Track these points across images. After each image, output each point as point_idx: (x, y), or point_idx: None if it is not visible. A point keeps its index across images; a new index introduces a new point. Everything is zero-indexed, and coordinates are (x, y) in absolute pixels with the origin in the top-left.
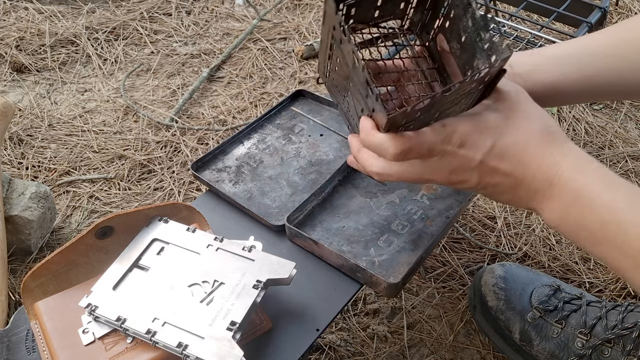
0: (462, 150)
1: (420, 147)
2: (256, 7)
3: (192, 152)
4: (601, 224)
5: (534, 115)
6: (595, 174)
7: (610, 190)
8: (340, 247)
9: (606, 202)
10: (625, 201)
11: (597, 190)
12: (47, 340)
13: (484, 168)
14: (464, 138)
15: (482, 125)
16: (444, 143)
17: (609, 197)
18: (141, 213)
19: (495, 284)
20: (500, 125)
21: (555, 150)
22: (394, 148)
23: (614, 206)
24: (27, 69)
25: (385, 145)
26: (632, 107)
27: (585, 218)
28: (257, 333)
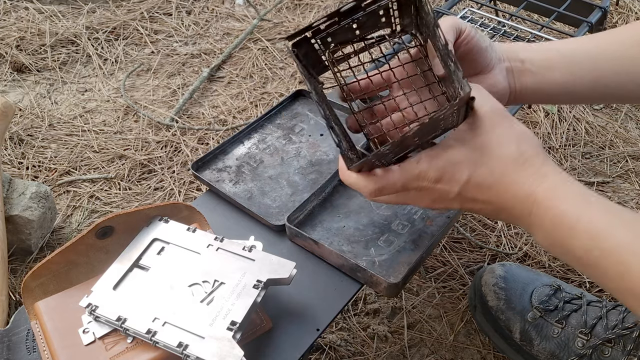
0: (439, 185)
1: (393, 186)
2: (256, 7)
3: (192, 152)
4: (585, 250)
5: (508, 140)
6: (572, 197)
7: (589, 213)
8: (340, 247)
9: (586, 228)
10: (605, 223)
11: (576, 216)
12: (48, 340)
13: (463, 198)
14: (439, 173)
15: (456, 158)
16: (418, 180)
17: (588, 220)
18: (141, 213)
19: (495, 284)
20: (474, 157)
21: (531, 177)
22: (367, 189)
23: (594, 231)
24: (28, 68)
25: (359, 185)
26: (632, 107)
27: (569, 244)
28: (257, 333)
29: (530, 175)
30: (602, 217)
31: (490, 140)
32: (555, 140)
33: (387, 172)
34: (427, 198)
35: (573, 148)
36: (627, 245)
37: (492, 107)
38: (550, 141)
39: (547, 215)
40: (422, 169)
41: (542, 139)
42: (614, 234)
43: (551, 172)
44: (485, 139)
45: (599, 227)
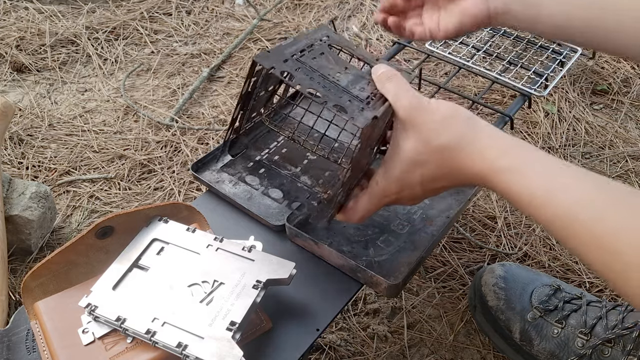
0: (404, 192)
1: (368, 211)
2: (256, 6)
3: (192, 152)
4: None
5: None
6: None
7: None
8: (340, 247)
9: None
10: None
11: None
12: (47, 340)
13: (430, 191)
14: (398, 185)
15: (403, 165)
16: (385, 197)
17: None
18: (141, 213)
19: (495, 284)
20: (415, 158)
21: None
22: (353, 221)
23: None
24: (28, 68)
25: (344, 219)
26: (632, 107)
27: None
28: (257, 333)
29: (467, 156)
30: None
31: (419, 140)
32: (555, 140)
33: (357, 203)
34: (405, 201)
35: (573, 148)
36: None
37: (406, 106)
38: (550, 141)
39: (497, 189)
40: (383, 188)
41: (542, 139)
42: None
43: (485, 147)
44: (414, 140)
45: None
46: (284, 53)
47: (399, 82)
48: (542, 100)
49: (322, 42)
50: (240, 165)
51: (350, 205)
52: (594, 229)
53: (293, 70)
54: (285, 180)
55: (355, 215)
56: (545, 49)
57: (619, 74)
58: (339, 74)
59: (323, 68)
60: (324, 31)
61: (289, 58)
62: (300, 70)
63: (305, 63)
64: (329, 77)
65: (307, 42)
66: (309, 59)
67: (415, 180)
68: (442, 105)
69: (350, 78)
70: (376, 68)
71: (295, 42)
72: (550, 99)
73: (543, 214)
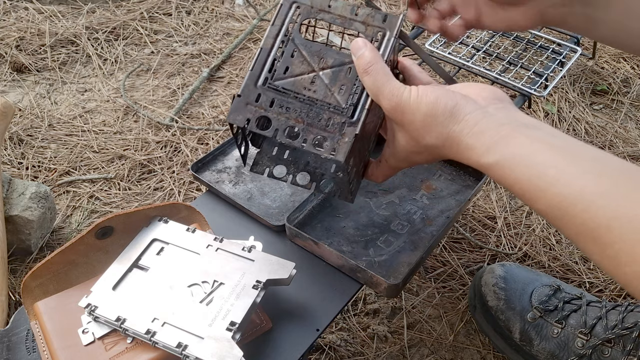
0: (415, 163)
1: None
2: (256, 7)
3: (192, 152)
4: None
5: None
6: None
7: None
8: (340, 247)
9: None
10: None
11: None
12: (47, 340)
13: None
14: (407, 162)
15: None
16: (399, 168)
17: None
18: (141, 213)
19: (495, 284)
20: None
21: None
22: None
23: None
24: (27, 69)
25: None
26: (632, 107)
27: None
28: (257, 333)
29: (456, 153)
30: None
31: (409, 138)
32: None
33: (376, 170)
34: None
35: None
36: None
37: (387, 107)
38: None
39: (491, 177)
40: (393, 164)
41: None
42: (542, 198)
43: (470, 147)
44: (405, 137)
45: (528, 192)
46: (255, 88)
47: (375, 76)
48: (542, 100)
49: (291, 28)
50: (266, 157)
51: (370, 171)
52: (586, 221)
53: (267, 109)
54: (309, 156)
55: (377, 180)
56: (545, 49)
57: (618, 74)
58: (316, 77)
59: (297, 82)
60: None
61: (260, 91)
62: (275, 105)
63: (278, 86)
64: (306, 91)
65: (277, 42)
66: (282, 71)
67: (420, 159)
68: (422, 101)
69: (329, 76)
70: (354, 47)
71: (264, 55)
72: (550, 99)
73: (537, 207)
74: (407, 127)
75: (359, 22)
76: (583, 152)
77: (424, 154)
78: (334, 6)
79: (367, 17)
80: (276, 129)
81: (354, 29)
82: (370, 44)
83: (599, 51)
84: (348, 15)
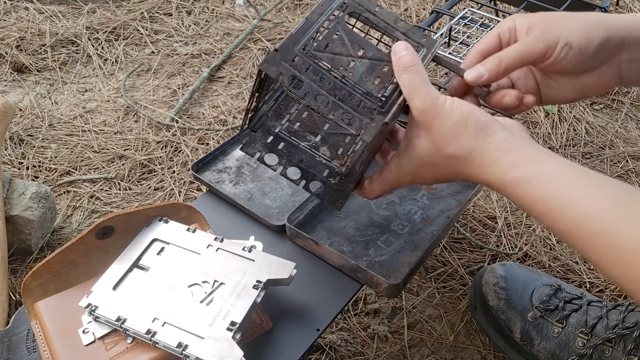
0: (416, 181)
1: (385, 193)
2: (256, 7)
3: (192, 152)
4: (550, 228)
5: (446, 140)
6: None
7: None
8: (340, 247)
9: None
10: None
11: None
12: (48, 340)
13: (440, 182)
14: (410, 177)
15: (415, 163)
16: (398, 183)
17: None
18: (141, 213)
19: (496, 284)
20: (426, 160)
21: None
22: (369, 198)
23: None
24: (28, 69)
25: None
26: (632, 107)
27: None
28: (257, 333)
29: (478, 167)
30: (554, 199)
31: (431, 144)
32: (555, 140)
33: (372, 184)
34: (417, 184)
35: (573, 148)
36: (581, 224)
37: (419, 107)
38: (550, 141)
39: (511, 198)
40: (396, 177)
41: (543, 139)
42: (567, 214)
43: (495, 161)
44: (426, 143)
45: (552, 211)
46: (293, 50)
47: (415, 76)
48: None
49: (337, 15)
50: (260, 142)
51: (366, 184)
52: (611, 242)
53: (302, 72)
54: (304, 155)
55: (371, 194)
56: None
57: None
58: (354, 61)
59: (336, 60)
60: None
61: (298, 54)
62: (310, 71)
63: (316, 56)
64: (342, 70)
65: (321, 19)
66: (322, 45)
67: (427, 175)
68: (456, 109)
69: (366, 65)
70: (396, 48)
71: (308, 25)
72: None
73: (557, 226)
74: (434, 132)
75: (400, 32)
76: (608, 179)
77: (436, 166)
78: (379, 12)
79: (407, 30)
80: (307, 92)
81: (394, 36)
82: (412, 49)
83: None
84: (391, 23)
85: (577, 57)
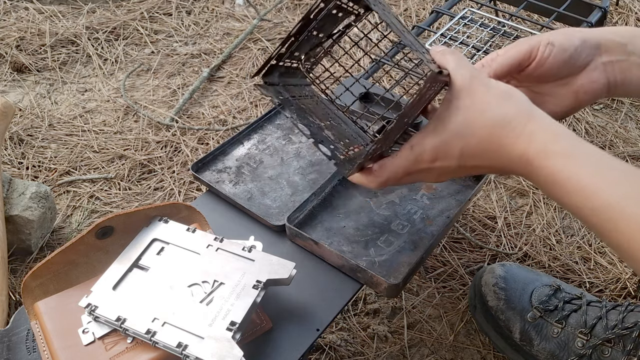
0: (437, 163)
1: (395, 176)
2: (256, 7)
3: (192, 152)
4: (576, 207)
5: (488, 105)
6: (561, 155)
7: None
8: (340, 247)
9: (575, 187)
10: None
11: (566, 175)
12: (47, 340)
13: (464, 168)
14: (434, 153)
15: (445, 135)
16: (417, 164)
17: (577, 180)
18: (141, 213)
19: (495, 284)
20: (460, 130)
21: (519, 139)
22: (371, 184)
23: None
24: (28, 68)
25: (363, 182)
26: (632, 107)
27: (563, 201)
28: (257, 333)
29: (517, 136)
30: (590, 176)
31: (471, 110)
32: None
33: (386, 165)
34: (431, 175)
35: None
36: (614, 204)
37: (466, 75)
38: None
39: (540, 174)
40: (417, 153)
41: None
42: (601, 193)
43: (538, 130)
44: (466, 110)
45: (587, 186)
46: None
47: (460, 56)
48: None
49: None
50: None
51: (375, 167)
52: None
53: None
54: (311, 124)
55: (378, 179)
56: None
57: None
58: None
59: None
60: None
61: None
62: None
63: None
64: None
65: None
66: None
67: (454, 153)
68: (501, 84)
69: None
70: (434, 48)
71: None
72: None
73: (589, 204)
74: (478, 97)
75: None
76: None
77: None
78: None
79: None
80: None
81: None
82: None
83: None
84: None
85: (560, 55)
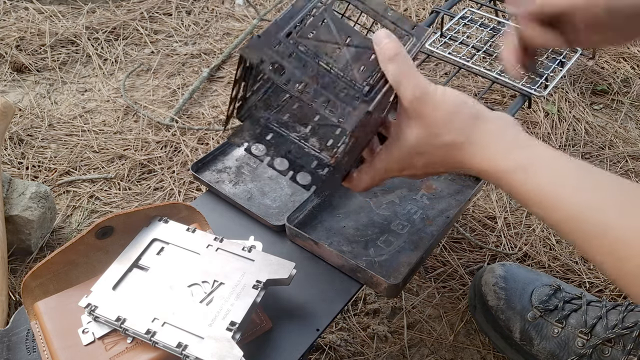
0: (405, 172)
1: (373, 185)
2: (256, 7)
3: (192, 152)
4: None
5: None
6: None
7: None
8: (340, 247)
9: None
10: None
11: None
12: (47, 340)
13: (430, 174)
14: (400, 165)
15: (405, 152)
16: (387, 172)
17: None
18: (141, 213)
19: (495, 284)
20: (419, 149)
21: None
22: (355, 189)
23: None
24: (27, 69)
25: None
26: (632, 107)
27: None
28: (257, 333)
29: (471, 158)
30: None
31: (424, 134)
32: (555, 140)
33: (360, 175)
34: (406, 176)
35: (573, 148)
36: (577, 215)
37: (410, 96)
38: (550, 141)
39: (504, 189)
40: (384, 167)
41: (542, 139)
42: (563, 204)
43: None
44: (418, 132)
45: (548, 198)
46: (277, 36)
47: (401, 65)
48: (542, 100)
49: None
50: (248, 132)
51: (355, 175)
52: (605, 234)
53: (285, 58)
54: (293, 145)
55: (359, 186)
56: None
57: (618, 74)
58: (339, 49)
59: (320, 47)
60: None
61: (282, 40)
62: (294, 58)
63: (300, 43)
64: (327, 58)
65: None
66: (308, 32)
67: (418, 165)
68: (447, 98)
69: (351, 53)
70: (377, 37)
71: (293, 12)
72: (550, 99)
73: (552, 216)
74: (426, 120)
75: (389, 21)
76: (602, 172)
77: (428, 155)
78: (369, 0)
79: (397, 19)
80: (289, 79)
81: (383, 24)
82: (395, 37)
83: (599, 51)
84: (380, 12)
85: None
